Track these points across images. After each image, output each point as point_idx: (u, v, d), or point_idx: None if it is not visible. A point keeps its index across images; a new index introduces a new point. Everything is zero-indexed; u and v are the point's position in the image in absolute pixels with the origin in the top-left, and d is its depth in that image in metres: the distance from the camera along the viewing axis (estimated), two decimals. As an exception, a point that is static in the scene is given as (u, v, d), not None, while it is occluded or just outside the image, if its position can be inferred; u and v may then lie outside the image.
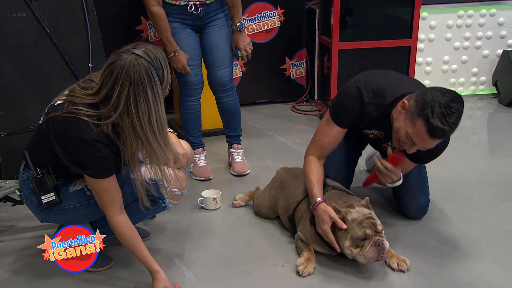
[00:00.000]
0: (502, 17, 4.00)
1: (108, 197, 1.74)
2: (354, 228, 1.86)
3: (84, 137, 1.66)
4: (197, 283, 1.90)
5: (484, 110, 3.98)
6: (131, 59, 1.63)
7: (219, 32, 2.65)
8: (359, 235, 1.84)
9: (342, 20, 3.43)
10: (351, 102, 2.04)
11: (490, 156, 3.17)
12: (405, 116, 1.88)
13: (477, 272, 1.93)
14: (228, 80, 2.72)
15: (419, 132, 1.82)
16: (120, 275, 1.95)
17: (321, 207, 1.95)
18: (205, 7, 2.58)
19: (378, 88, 2.01)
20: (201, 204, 2.47)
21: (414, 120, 1.82)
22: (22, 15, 2.54)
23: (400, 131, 1.90)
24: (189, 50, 2.61)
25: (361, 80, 2.05)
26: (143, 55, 1.64)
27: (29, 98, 2.65)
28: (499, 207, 2.43)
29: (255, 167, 2.93)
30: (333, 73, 3.51)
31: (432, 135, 1.80)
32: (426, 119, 1.78)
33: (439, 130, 1.77)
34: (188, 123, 2.78)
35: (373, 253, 1.83)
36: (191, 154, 2.15)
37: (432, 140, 1.83)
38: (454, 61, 4.11)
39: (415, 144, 1.87)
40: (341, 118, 2.07)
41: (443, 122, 1.76)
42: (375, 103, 2.01)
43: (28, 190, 1.86)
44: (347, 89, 2.09)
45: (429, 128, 1.78)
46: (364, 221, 1.85)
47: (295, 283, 1.89)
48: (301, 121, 3.78)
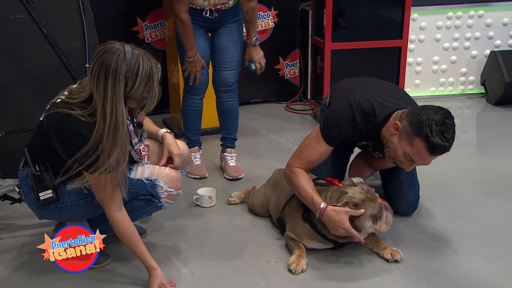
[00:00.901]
0: (489, 18, 4.07)
1: (107, 194, 1.76)
2: (368, 206, 1.93)
3: (83, 134, 1.69)
4: (193, 279, 1.92)
5: (472, 109, 4.04)
6: (114, 49, 1.65)
7: (231, 34, 2.68)
8: (377, 210, 1.94)
9: (334, 21, 3.47)
10: (345, 123, 2.03)
11: (478, 154, 3.23)
12: (399, 137, 1.92)
13: (465, 267, 1.98)
14: (233, 82, 2.75)
15: (419, 151, 1.87)
16: (117, 272, 1.97)
17: (330, 210, 1.93)
18: (221, 12, 2.62)
19: (368, 107, 2.03)
20: (197, 202, 2.51)
21: (412, 140, 1.87)
22: (20, 16, 2.56)
23: (397, 152, 1.94)
24: (200, 50, 2.63)
25: (349, 99, 2.05)
26: (126, 52, 1.65)
27: (26, 98, 2.66)
28: (487, 204, 2.49)
29: (250, 165, 2.96)
30: (326, 73, 3.55)
31: (433, 152, 1.86)
32: (426, 138, 1.83)
33: (441, 147, 1.84)
34: (189, 120, 2.81)
35: (390, 216, 1.97)
36: (187, 154, 2.14)
37: (432, 157, 1.90)
38: (444, 61, 4.17)
39: (415, 162, 1.94)
40: (333, 138, 2.06)
41: (442, 139, 1.83)
42: (366, 121, 2.04)
43: (27, 187, 1.88)
44: (340, 109, 2.06)
45: (429, 146, 1.84)
46: (368, 196, 1.94)
47: (289, 279, 1.92)
48: (295, 120, 3.82)
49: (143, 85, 1.69)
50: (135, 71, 1.66)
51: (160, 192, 1.92)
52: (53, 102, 1.80)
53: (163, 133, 2.05)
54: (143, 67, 1.68)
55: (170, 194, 1.95)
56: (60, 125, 1.72)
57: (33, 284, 1.92)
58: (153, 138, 2.09)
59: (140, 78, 1.67)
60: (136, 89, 1.68)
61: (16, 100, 2.65)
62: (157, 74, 1.73)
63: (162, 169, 1.96)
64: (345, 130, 2.05)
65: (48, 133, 1.75)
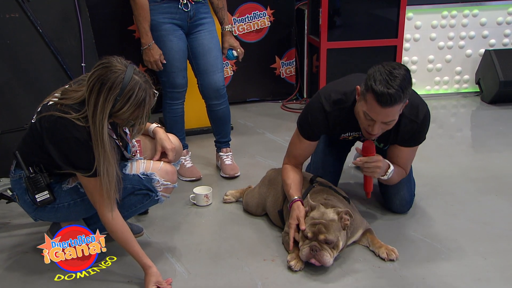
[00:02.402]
0: (484, 17, 4.09)
1: (100, 195, 1.76)
2: (307, 224, 1.94)
3: (76, 137, 1.69)
4: (189, 277, 1.93)
5: (467, 107, 4.05)
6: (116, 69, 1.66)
7: (210, 36, 2.65)
8: (303, 232, 1.93)
9: (330, 20, 3.49)
10: (313, 115, 2.09)
11: (473, 152, 3.25)
12: (359, 99, 1.93)
13: (459, 264, 1.99)
14: (223, 85, 2.72)
15: (371, 105, 1.85)
16: (113, 270, 1.96)
17: (295, 205, 2.03)
18: (195, 6, 2.59)
19: (337, 95, 2.05)
20: (193, 201, 2.51)
21: (365, 97, 1.87)
22: (15, 15, 2.56)
23: (359, 114, 1.94)
24: (179, 53, 2.60)
25: (321, 93, 2.10)
26: (126, 76, 1.66)
27: (22, 97, 2.66)
28: (481, 201, 2.51)
29: (246, 164, 2.97)
30: (322, 71, 3.57)
31: (381, 102, 1.81)
32: (371, 89, 1.81)
33: (385, 95, 1.79)
34: (174, 126, 2.76)
35: (305, 253, 1.91)
36: (179, 147, 2.16)
37: (384, 109, 1.84)
38: (439, 60, 4.19)
39: (374, 121, 1.90)
40: (307, 132, 2.13)
41: (387, 86, 1.79)
42: (338, 108, 2.05)
43: (21, 190, 1.87)
44: (309, 104, 2.15)
45: (376, 97, 1.81)
46: (316, 225, 1.91)
47: (285, 277, 1.93)
48: (291, 119, 3.82)
49: (130, 112, 1.70)
50: (126, 97, 1.67)
51: (156, 186, 1.93)
52: (45, 104, 1.79)
53: (154, 128, 2.06)
54: (136, 96, 1.68)
55: (166, 187, 1.96)
56: (53, 129, 1.72)
57: (29, 284, 1.92)
58: (144, 133, 2.09)
59: (130, 105, 1.68)
60: (123, 113, 1.70)
61: (12, 99, 2.65)
62: (149, 106, 1.74)
63: (156, 163, 1.98)
64: (315, 122, 2.09)
65: (41, 135, 1.75)
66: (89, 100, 1.67)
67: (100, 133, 1.67)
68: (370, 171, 2.06)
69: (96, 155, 1.70)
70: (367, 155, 2.04)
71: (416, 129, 2.07)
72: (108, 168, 1.71)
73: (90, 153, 1.70)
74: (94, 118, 1.67)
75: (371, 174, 2.08)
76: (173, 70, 2.62)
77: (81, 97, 1.72)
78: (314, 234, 1.89)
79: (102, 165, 1.70)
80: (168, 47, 2.58)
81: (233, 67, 4.03)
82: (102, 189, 1.74)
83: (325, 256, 1.88)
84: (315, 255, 1.88)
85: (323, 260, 1.88)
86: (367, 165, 2.04)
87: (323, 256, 1.88)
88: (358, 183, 2.66)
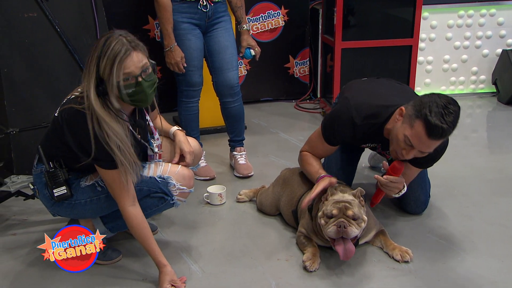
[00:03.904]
0: (501, 17, 4.04)
1: (120, 188, 1.77)
2: (329, 205, 1.94)
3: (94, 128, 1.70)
4: (203, 276, 1.94)
5: (483, 108, 4.01)
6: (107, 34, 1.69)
7: (226, 34, 2.67)
8: (327, 212, 1.93)
9: (345, 19, 3.47)
10: (341, 125, 2.08)
11: (488, 153, 3.22)
12: (403, 121, 1.91)
13: (475, 266, 1.98)
14: (237, 83, 2.73)
15: (418, 133, 1.84)
16: (129, 268, 1.99)
17: (324, 179, 2.05)
18: (214, 5, 2.60)
19: (370, 109, 2.04)
20: (207, 199, 2.52)
21: (412, 122, 1.85)
22: (34, 14, 2.59)
23: (398, 136, 1.92)
24: (196, 51, 2.62)
25: (351, 102, 2.07)
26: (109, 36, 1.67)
27: (40, 95, 2.69)
28: (496, 203, 2.48)
29: (259, 163, 2.97)
30: (336, 71, 3.55)
31: (430, 134, 1.81)
32: (424, 118, 1.80)
33: (438, 128, 1.79)
34: (189, 125, 2.78)
35: (332, 231, 1.90)
36: (198, 151, 2.16)
37: (430, 141, 1.84)
38: (455, 60, 4.15)
39: (414, 147, 1.89)
40: (330, 138, 2.14)
41: (441, 120, 1.79)
42: (368, 123, 2.04)
43: (41, 184, 1.90)
44: (337, 111, 2.12)
45: (427, 127, 1.80)
46: (339, 203, 1.93)
47: (299, 277, 1.93)
48: (304, 119, 3.83)
49: (109, 67, 1.64)
50: (104, 52, 1.64)
51: (172, 190, 1.94)
52: (68, 98, 1.82)
53: (175, 131, 2.07)
54: (113, 49, 1.64)
55: (182, 192, 1.96)
56: (73, 120, 1.74)
57: (47, 279, 1.94)
58: (164, 135, 2.10)
59: (106, 59, 1.64)
60: (104, 72, 1.65)
61: (29, 97, 2.68)
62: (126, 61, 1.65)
63: (174, 167, 1.98)
64: (341, 132, 2.09)
65: (62, 128, 1.77)
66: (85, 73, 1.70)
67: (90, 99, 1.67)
68: (389, 189, 2.06)
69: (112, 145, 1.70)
70: (394, 175, 2.04)
71: (434, 156, 2.07)
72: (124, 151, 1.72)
73: (107, 144, 1.71)
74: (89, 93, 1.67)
75: (388, 192, 2.07)
76: (190, 69, 2.64)
77: None
78: (340, 210, 1.91)
79: (120, 153, 1.70)
80: (186, 46, 2.60)
81: (247, 67, 4.04)
82: (121, 181, 1.75)
83: (354, 230, 1.90)
84: (344, 231, 1.89)
85: (352, 233, 1.89)
86: (390, 184, 2.04)
87: (352, 231, 1.89)
88: (371, 183, 2.65)
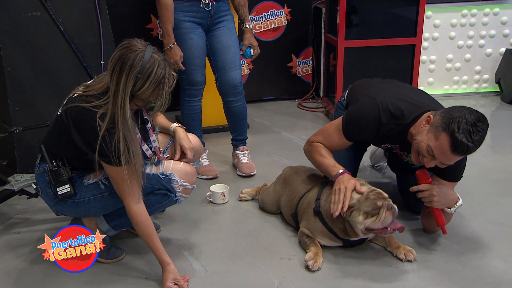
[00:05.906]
0: (505, 16, 4.03)
1: (126, 185, 1.78)
2: (363, 203, 1.93)
3: (101, 125, 1.71)
4: (206, 275, 1.94)
5: (487, 107, 4.00)
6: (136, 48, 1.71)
7: (229, 33, 2.66)
8: (370, 208, 1.91)
9: (347, 18, 3.46)
10: (366, 122, 2.04)
11: (492, 152, 3.20)
12: (428, 129, 1.89)
13: (479, 266, 1.97)
14: (240, 82, 2.73)
15: (442, 146, 1.83)
16: (132, 266, 1.99)
17: (346, 175, 2.01)
18: (217, 4, 2.60)
19: (396, 109, 2.01)
20: (210, 198, 2.53)
21: (438, 134, 1.84)
22: (37, 14, 2.59)
23: (421, 144, 1.90)
24: (198, 50, 2.62)
25: (378, 100, 2.04)
26: (146, 54, 1.70)
27: (43, 94, 2.69)
28: (501, 203, 2.48)
29: (262, 163, 2.97)
30: (339, 70, 3.55)
31: (455, 150, 1.81)
32: (451, 133, 1.79)
33: (463, 145, 1.79)
34: (192, 123, 2.78)
35: (390, 217, 1.91)
36: (199, 147, 2.17)
37: (453, 156, 1.84)
38: (458, 59, 4.14)
39: (435, 158, 1.88)
40: (352, 134, 2.09)
41: (468, 138, 1.78)
42: (394, 123, 2.02)
43: (44, 183, 1.91)
44: (363, 108, 2.08)
45: (453, 143, 1.80)
46: (370, 195, 1.93)
47: (302, 276, 1.93)
48: (307, 118, 3.82)
49: (151, 90, 1.74)
50: (146, 75, 1.70)
51: (175, 187, 1.94)
52: (70, 97, 1.83)
53: (175, 127, 2.08)
54: (156, 73, 1.72)
55: (185, 188, 1.97)
56: (79, 118, 1.75)
57: (50, 277, 1.95)
58: (165, 132, 2.11)
59: (150, 82, 1.72)
60: (144, 92, 1.73)
61: (33, 96, 2.68)
62: (168, 84, 1.77)
63: (176, 163, 1.98)
64: (365, 129, 2.05)
65: (67, 126, 1.78)
66: (111, 80, 1.72)
67: (123, 112, 1.70)
68: (427, 200, 2.03)
69: (121, 141, 1.71)
70: (420, 183, 2.04)
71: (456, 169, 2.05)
72: (133, 151, 1.74)
73: (114, 141, 1.72)
74: (116, 97, 1.70)
75: (429, 203, 2.04)
76: (192, 68, 2.64)
77: (104, 86, 1.77)
78: (380, 198, 1.92)
79: (128, 152, 1.72)
80: (188, 45, 2.60)
81: (250, 66, 4.03)
82: (127, 179, 1.76)
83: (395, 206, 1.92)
84: (394, 211, 1.91)
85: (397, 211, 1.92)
86: (421, 194, 2.03)
87: (396, 208, 1.92)
88: (373, 182, 2.63)
